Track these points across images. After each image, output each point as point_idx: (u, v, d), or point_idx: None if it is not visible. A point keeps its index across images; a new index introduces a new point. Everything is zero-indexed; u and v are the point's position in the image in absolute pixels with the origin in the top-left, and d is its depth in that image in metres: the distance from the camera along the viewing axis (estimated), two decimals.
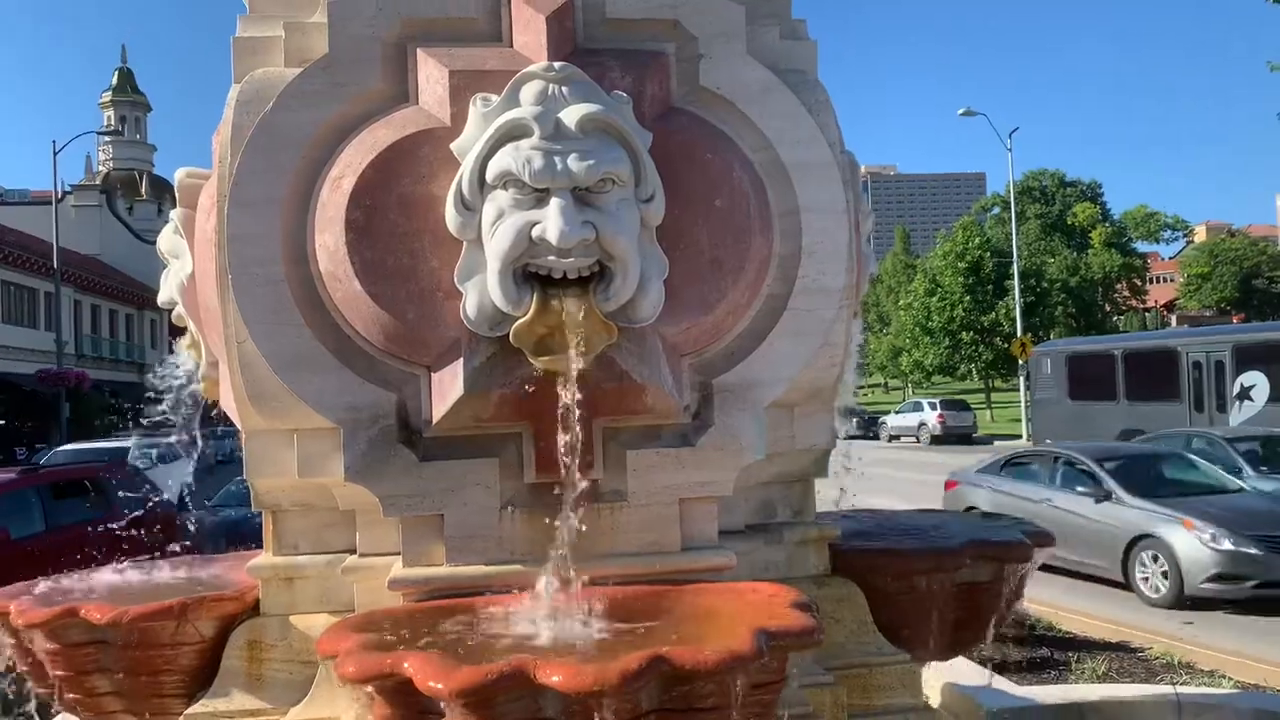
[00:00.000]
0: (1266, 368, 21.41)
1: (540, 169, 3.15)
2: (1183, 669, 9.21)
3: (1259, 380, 21.43)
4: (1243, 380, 21.77)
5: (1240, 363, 21.91)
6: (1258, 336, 23.37)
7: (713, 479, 3.63)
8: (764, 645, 2.73)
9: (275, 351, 3.46)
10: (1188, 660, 9.74)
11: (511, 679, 2.56)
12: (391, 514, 3.50)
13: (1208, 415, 22.46)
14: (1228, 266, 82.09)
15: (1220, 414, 22.13)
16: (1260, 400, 21.31)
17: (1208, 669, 9.20)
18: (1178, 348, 23.85)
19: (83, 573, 4.46)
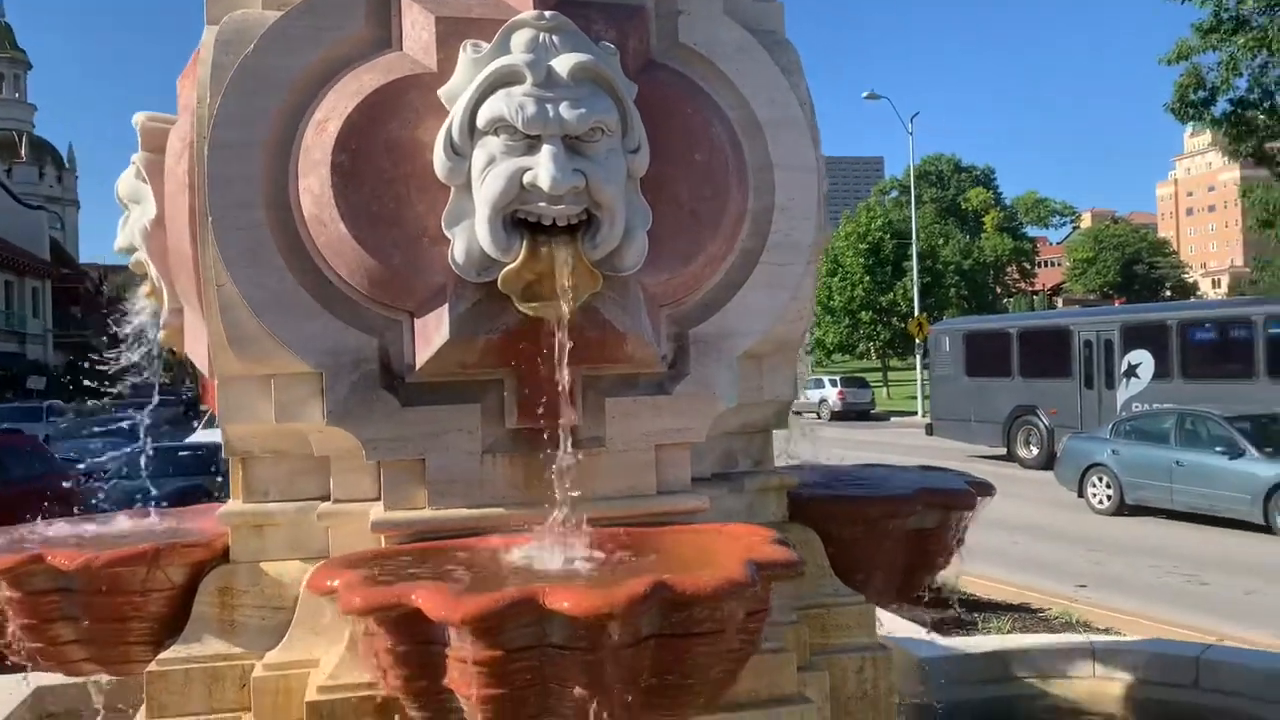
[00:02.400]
0: (1152, 346, 22.44)
1: (533, 115, 3.20)
2: (1080, 626, 9.72)
3: (1145, 358, 22.45)
4: (1130, 358, 22.76)
5: (1128, 342, 22.91)
6: (1144, 317, 24.46)
7: (687, 426, 3.74)
8: (755, 574, 2.86)
9: (256, 294, 3.45)
10: (1084, 619, 10.28)
11: (521, 605, 2.64)
12: (374, 458, 3.53)
13: (1097, 391, 23.46)
14: (1111, 252, 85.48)
15: (1108, 390, 23.13)
16: (1146, 377, 22.33)
17: (1102, 626, 9.74)
18: (1070, 327, 24.80)
19: (33, 524, 4.36)
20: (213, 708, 3.66)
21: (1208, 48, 27.15)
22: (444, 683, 2.84)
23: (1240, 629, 10.03)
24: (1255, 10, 26.57)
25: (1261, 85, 27.59)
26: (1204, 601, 11.98)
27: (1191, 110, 28.53)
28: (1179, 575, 13.39)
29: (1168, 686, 5.98)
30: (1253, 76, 27.45)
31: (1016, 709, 5.99)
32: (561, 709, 2.80)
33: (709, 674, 2.91)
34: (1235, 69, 27.03)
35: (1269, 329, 19.93)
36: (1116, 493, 17.55)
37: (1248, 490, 15.55)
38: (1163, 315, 23.91)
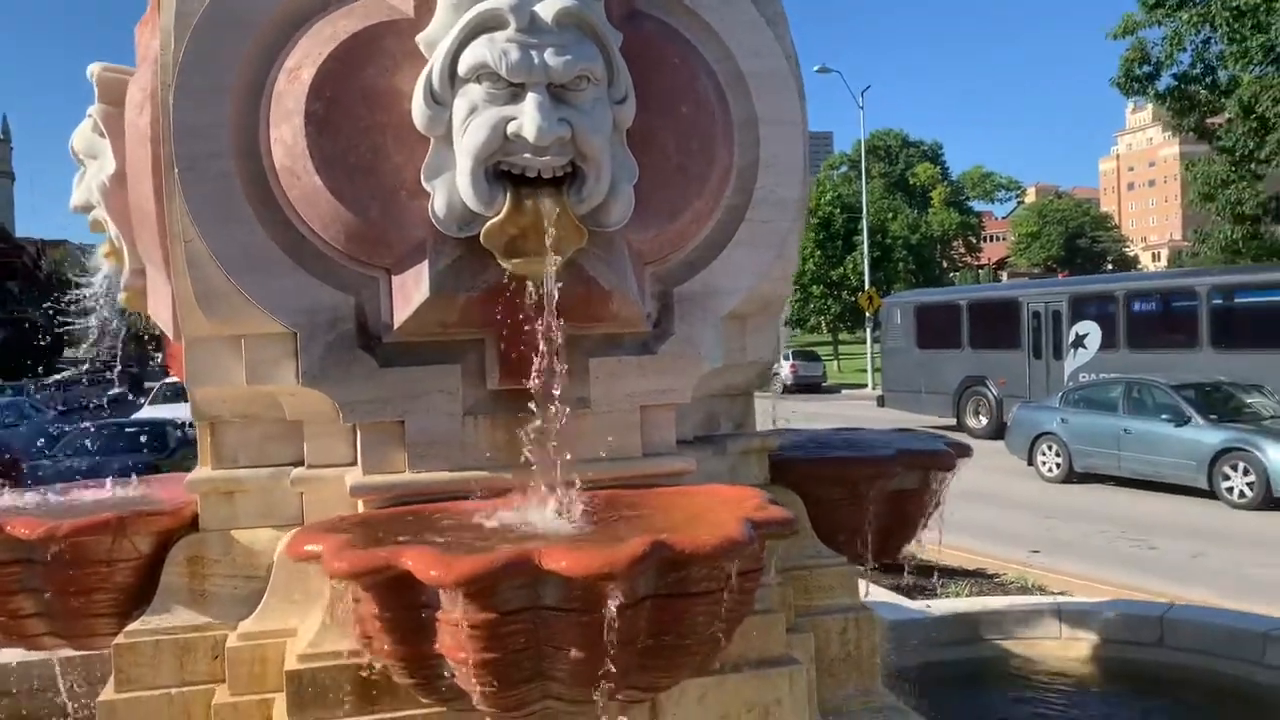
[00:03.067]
0: (1098, 318, 22.76)
1: (517, 62, 3.08)
2: (1036, 590, 9.86)
3: (1092, 329, 22.76)
4: (1077, 329, 23.07)
5: (1075, 313, 23.21)
6: (1091, 288, 24.78)
7: (672, 386, 3.66)
8: (753, 533, 2.80)
9: (226, 250, 3.30)
10: (1039, 583, 10.43)
11: (517, 566, 2.55)
12: (351, 420, 3.42)
13: (1045, 362, 23.76)
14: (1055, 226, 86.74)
15: (1056, 361, 23.43)
16: (1093, 348, 22.64)
17: (1057, 590, 9.88)
18: (1019, 299, 25.07)
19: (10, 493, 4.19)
20: (184, 680, 3.55)
21: (1153, 23, 27.49)
22: (434, 648, 2.75)
23: (1189, 591, 10.22)
24: None
25: (1204, 61, 27.97)
26: (1154, 565, 12.20)
27: (1136, 85, 28.87)
28: (1128, 540, 13.62)
29: (1133, 645, 6.06)
30: (1196, 52, 27.81)
31: (987, 669, 6.03)
32: (555, 672, 2.73)
33: (705, 635, 2.84)
34: (1179, 44, 27.37)
35: (1212, 300, 20.28)
36: (1065, 460, 17.81)
37: (1193, 457, 15.84)
38: (1109, 287, 24.25)
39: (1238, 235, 30.58)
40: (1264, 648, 5.66)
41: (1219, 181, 29.45)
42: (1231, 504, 15.24)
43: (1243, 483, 15.25)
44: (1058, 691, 5.86)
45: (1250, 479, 15.15)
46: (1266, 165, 26.56)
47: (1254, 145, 26.50)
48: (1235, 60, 25.87)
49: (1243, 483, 15.25)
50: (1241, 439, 15.41)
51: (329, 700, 3.15)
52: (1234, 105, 26.17)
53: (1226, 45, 26.10)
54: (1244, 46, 25.30)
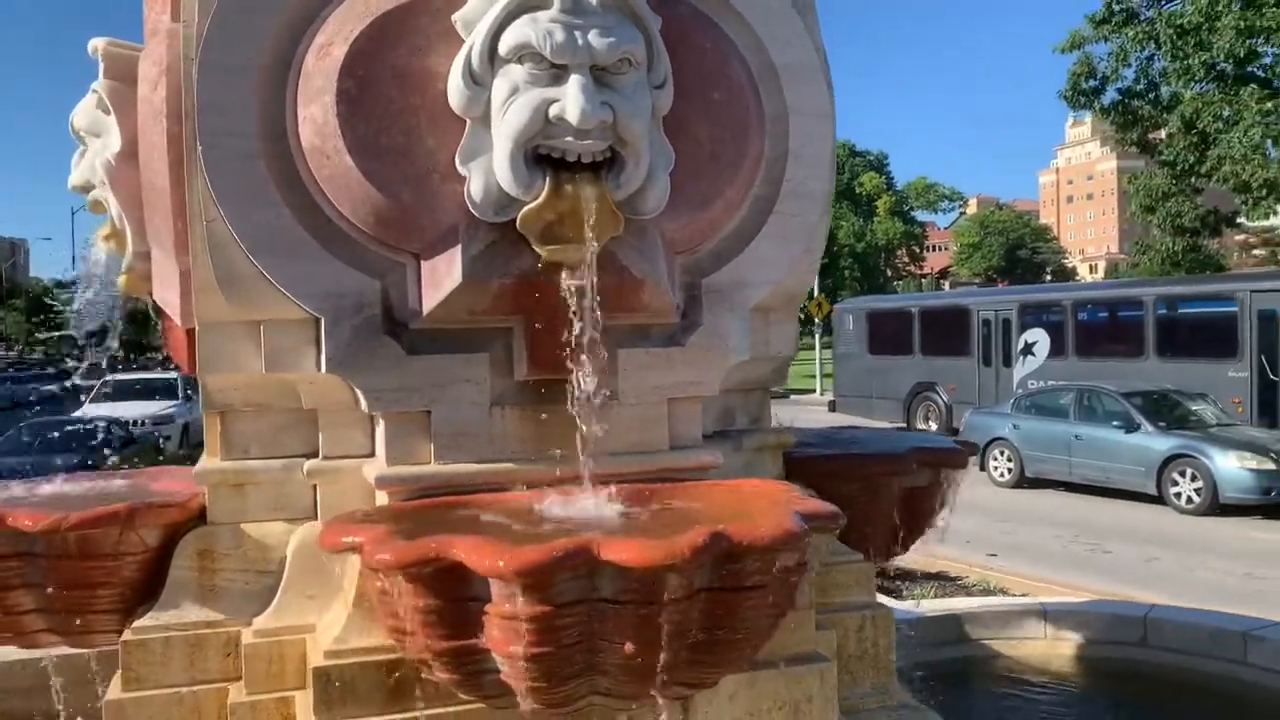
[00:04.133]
0: (1047, 326, 23.16)
1: (562, 43, 3.01)
2: (999, 592, 9.96)
3: (1041, 337, 23.15)
4: (1026, 337, 23.45)
5: (1024, 321, 23.60)
6: (1040, 297, 25.23)
7: (700, 379, 3.61)
8: (805, 525, 2.75)
9: (250, 232, 3.19)
10: (1001, 586, 10.54)
11: (576, 556, 2.48)
12: (376, 409, 3.31)
13: (994, 369, 24.11)
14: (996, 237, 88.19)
15: (1006, 368, 23.80)
16: (1042, 355, 23.03)
17: (1020, 592, 9.99)
18: (970, 306, 25.42)
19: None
20: (194, 678, 3.42)
21: (1099, 38, 28.06)
22: (480, 642, 2.67)
23: (1145, 594, 10.39)
24: (1144, 4, 27.54)
25: (1148, 76, 28.61)
26: (1109, 569, 12.41)
27: (1083, 98, 29.46)
28: (1083, 544, 13.85)
29: (1117, 645, 6.13)
30: (1140, 68, 28.44)
31: (975, 669, 6.06)
32: (606, 666, 2.66)
33: (755, 630, 2.80)
34: (1124, 60, 27.97)
35: (1158, 310, 20.74)
36: (1017, 466, 18.06)
37: (1143, 463, 16.15)
38: (1058, 296, 24.69)
39: (1178, 247, 31.33)
40: (1245, 647, 5.76)
41: (1160, 195, 30.15)
42: (1179, 509, 15.56)
43: (1190, 488, 15.58)
44: (1046, 690, 5.90)
45: (1198, 485, 15.48)
46: (1206, 180, 27.20)
47: (1194, 160, 27.14)
48: (1178, 77, 26.50)
49: (1190, 488, 15.58)
50: (1190, 446, 15.75)
51: (357, 698, 3.04)
52: (1176, 120, 26.78)
53: (1169, 62, 26.71)
54: (1186, 64, 25.93)
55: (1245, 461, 15.16)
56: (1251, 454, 15.23)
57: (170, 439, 22.44)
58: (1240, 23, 23.51)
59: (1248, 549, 13.27)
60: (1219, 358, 19.18)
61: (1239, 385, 18.90)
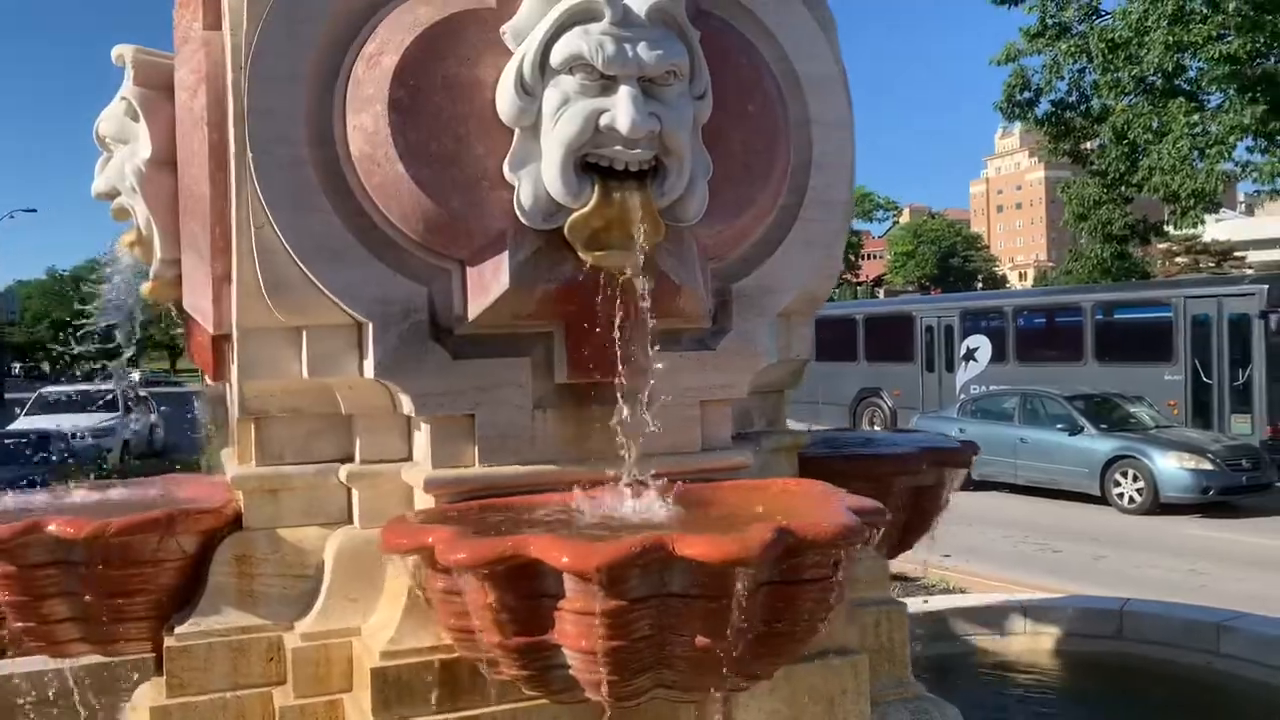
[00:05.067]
0: (989, 332, 23.70)
1: (613, 54, 3.08)
2: (959, 592, 10.19)
3: (982, 343, 23.68)
4: (968, 343, 23.97)
5: (966, 327, 24.11)
6: (982, 303, 25.81)
7: (730, 382, 3.70)
8: (859, 520, 2.86)
9: (299, 238, 3.22)
10: (960, 586, 10.78)
11: (652, 552, 2.55)
12: (423, 413, 3.35)
13: (937, 374, 24.60)
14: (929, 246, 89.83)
15: (948, 373, 24.30)
16: (983, 361, 23.55)
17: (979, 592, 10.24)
18: (913, 313, 25.92)
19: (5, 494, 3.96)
20: (237, 683, 3.43)
21: (1033, 51, 28.75)
22: (551, 637, 2.73)
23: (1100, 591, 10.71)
24: (1076, 19, 28.30)
25: (1080, 89, 29.35)
26: (1060, 568, 12.75)
27: (1017, 109, 30.11)
28: (1032, 544, 14.21)
29: (1094, 638, 6.34)
30: (1072, 80, 29.19)
31: (962, 663, 6.22)
32: (674, 659, 2.74)
33: (811, 623, 2.89)
34: (1057, 73, 28.67)
35: (1096, 315, 21.34)
36: None
37: (1086, 464, 16.61)
38: (999, 302, 25.28)
39: (1107, 254, 32.19)
40: (1218, 638, 6.00)
41: (1092, 203, 30.94)
42: (1122, 509, 16.03)
43: (1132, 489, 16.06)
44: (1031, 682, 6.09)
45: (1139, 485, 15.97)
46: (1137, 190, 27.99)
47: (1125, 169, 27.92)
48: (1108, 89, 27.27)
49: (1132, 489, 16.06)
50: (1131, 447, 16.25)
51: (415, 698, 3.08)
52: (1107, 131, 27.53)
53: (1100, 75, 27.47)
54: (1116, 77, 26.69)
55: (1184, 462, 15.69)
56: (1190, 454, 15.77)
57: (111, 452, 21.94)
58: (1169, 38, 24.26)
59: (1189, 546, 13.72)
60: (1155, 362, 19.82)
61: (1174, 388, 19.54)
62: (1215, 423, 18.84)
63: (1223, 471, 15.63)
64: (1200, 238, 50.40)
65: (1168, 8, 24.47)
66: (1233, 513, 15.56)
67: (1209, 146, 24.75)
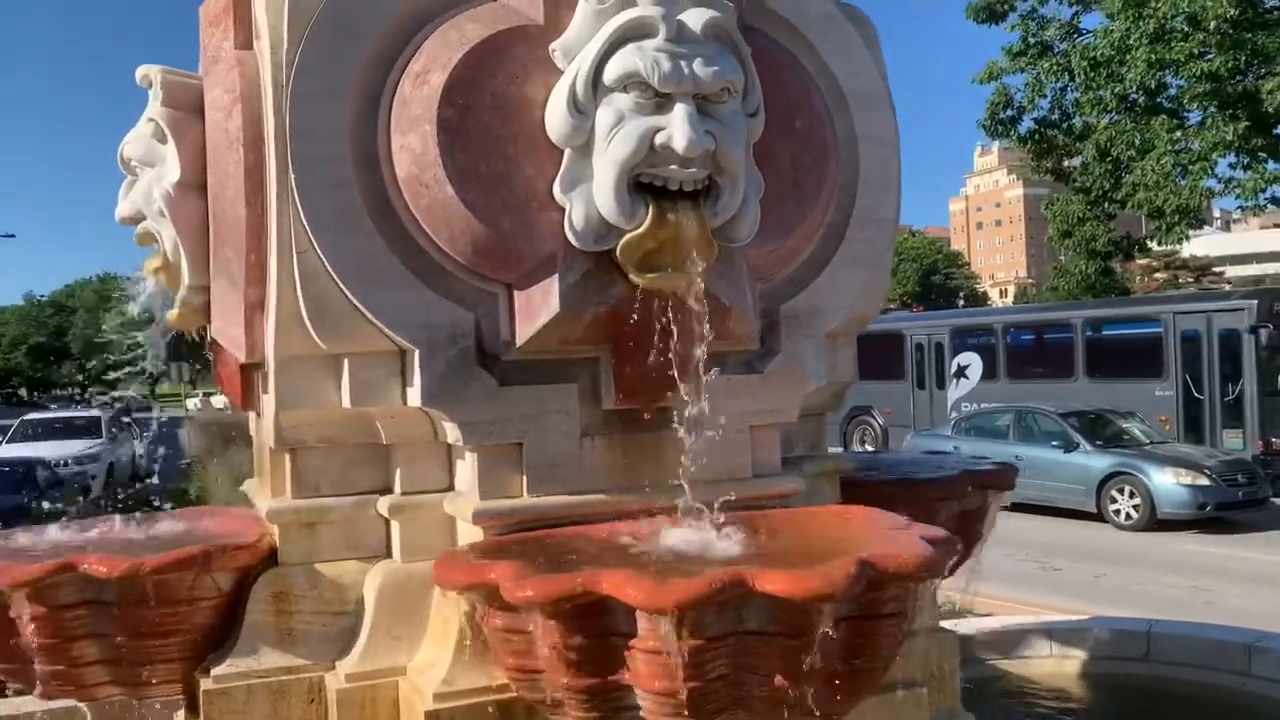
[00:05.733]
0: (979, 349, 23.71)
1: (669, 72, 2.99)
2: (966, 612, 10.10)
3: (973, 360, 23.68)
4: (959, 360, 23.97)
5: (957, 345, 24.12)
6: (972, 321, 25.84)
7: (780, 406, 3.61)
8: (938, 552, 2.76)
9: (345, 262, 3.10)
10: (965, 606, 10.68)
11: (732, 588, 2.45)
12: (470, 441, 3.24)
13: (928, 392, 24.58)
14: (910, 263, 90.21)
15: (939, 390, 24.27)
16: (974, 378, 23.55)
17: (984, 612, 10.14)
18: (903, 331, 25.90)
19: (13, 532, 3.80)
20: None
21: (1016, 70, 28.96)
22: (620, 678, 2.61)
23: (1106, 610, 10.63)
24: (1058, 37, 28.53)
25: (1062, 107, 29.56)
26: (1062, 586, 12.67)
27: (1000, 127, 30.29)
28: (1032, 562, 14.12)
29: (1121, 660, 6.25)
30: (1054, 98, 29.40)
31: (987, 688, 6.11)
32: (751, 699, 2.63)
33: (888, 658, 2.79)
34: (1040, 91, 28.87)
35: (1086, 331, 21.39)
36: None
37: (1082, 481, 16.57)
38: (989, 319, 25.31)
39: (1092, 270, 32.36)
40: (1249, 659, 5.92)
41: (1075, 220, 31.12)
42: (1119, 526, 16.00)
43: (1129, 505, 16.03)
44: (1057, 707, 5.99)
45: (1136, 501, 15.95)
46: (1121, 206, 28.17)
47: (1109, 186, 28.10)
48: (1091, 107, 27.46)
49: (1129, 505, 16.03)
50: (1127, 464, 16.23)
51: None
52: (1091, 148, 27.71)
53: (1082, 93, 27.68)
54: (1098, 95, 26.89)
55: (1181, 477, 15.67)
56: (1186, 470, 15.75)
57: (95, 479, 21.62)
58: (1151, 55, 24.46)
59: (1188, 562, 13.68)
60: (1146, 377, 19.86)
61: (1166, 404, 19.58)
62: (1207, 438, 18.87)
63: (1219, 487, 15.61)
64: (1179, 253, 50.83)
65: (1149, 26, 24.66)
66: (1229, 528, 15.54)
67: (1192, 163, 24.93)
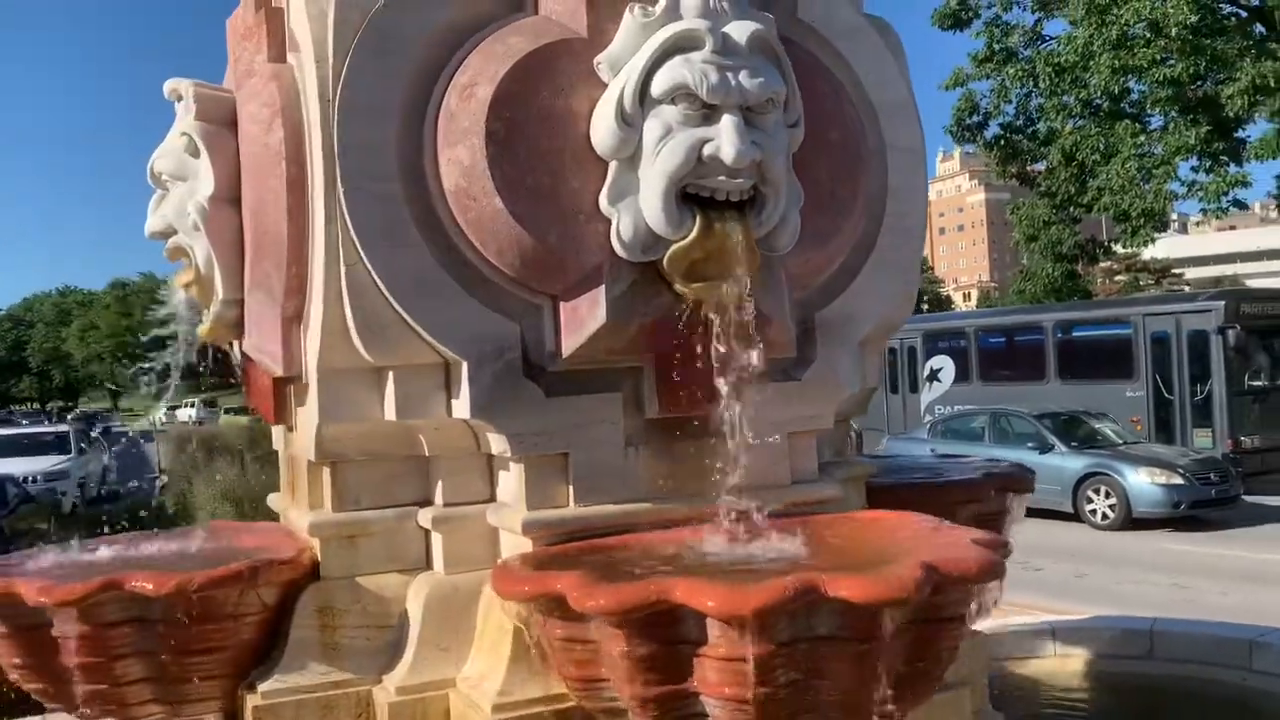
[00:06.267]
0: (951, 353, 23.92)
1: (716, 83, 3.02)
2: None
3: (946, 364, 23.89)
4: (932, 364, 24.17)
5: (930, 348, 24.32)
6: (944, 325, 26.06)
7: (816, 413, 3.64)
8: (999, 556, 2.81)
9: (393, 275, 3.11)
10: None
11: (805, 594, 2.47)
12: (518, 453, 3.24)
13: (901, 396, 24.75)
14: None
15: (913, 394, 24.46)
16: (947, 381, 23.76)
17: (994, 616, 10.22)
18: None
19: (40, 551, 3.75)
20: None
21: (982, 76, 29.30)
22: (688, 686, 2.63)
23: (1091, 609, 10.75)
24: (1022, 44, 28.92)
25: (1027, 113, 29.96)
26: (1044, 586, 12.76)
27: (967, 133, 30.66)
28: (1013, 563, 13.62)
29: (1124, 659, 6.33)
30: (1019, 104, 29.78)
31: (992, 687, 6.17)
32: (818, 704, 2.65)
33: (948, 658, 2.83)
34: (1006, 96, 29.24)
35: (1057, 334, 21.66)
36: None
37: (1058, 482, 16.74)
38: (961, 323, 25.54)
39: (1058, 273, 32.77)
40: (1251, 654, 6.02)
41: (1041, 223, 31.52)
42: (1094, 525, 16.20)
43: (1105, 505, 16.25)
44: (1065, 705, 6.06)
45: (1111, 501, 16.16)
46: (1086, 210, 28.57)
47: (1074, 190, 28.49)
48: (1055, 112, 27.85)
49: (1105, 505, 16.25)
50: (1102, 464, 16.44)
51: None
52: (1056, 153, 28.09)
53: (1047, 99, 28.06)
54: (1063, 101, 27.28)
55: (1155, 477, 15.90)
56: (1160, 469, 15.99)
57: (65, 495, 21.29)
58: (1114, 61, 24.84)
59: (1164, 561, 13.87)
60: (1117, 379, 20.13)
61: (1137, 404, 19.85)
62: (1178, 438, 19.15)
63: (1192, 485, 15.85)
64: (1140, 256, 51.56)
65: (1112, 33, 25.03)
66: (1203, 526, 15.77)
67: (1155, 167, 25.33)
